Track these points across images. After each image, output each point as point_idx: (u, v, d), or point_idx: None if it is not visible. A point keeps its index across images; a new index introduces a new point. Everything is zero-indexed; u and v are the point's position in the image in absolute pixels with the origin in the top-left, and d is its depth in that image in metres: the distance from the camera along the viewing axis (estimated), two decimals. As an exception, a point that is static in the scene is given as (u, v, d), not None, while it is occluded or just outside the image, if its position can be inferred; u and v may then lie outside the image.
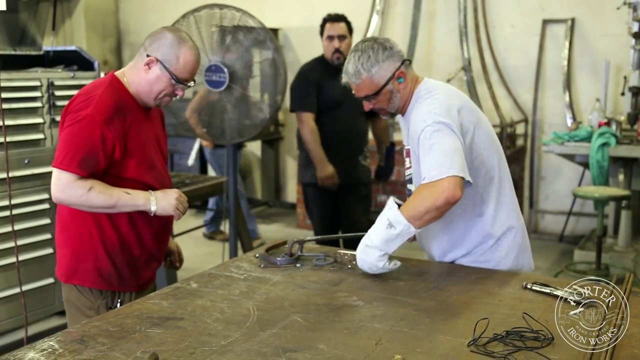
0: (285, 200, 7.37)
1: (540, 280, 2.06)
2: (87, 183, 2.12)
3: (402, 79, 2.23)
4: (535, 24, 6.11)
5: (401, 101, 2.26)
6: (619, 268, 4.74)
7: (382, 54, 2.19)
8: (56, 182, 2.14)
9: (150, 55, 2.20)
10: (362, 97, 2.25)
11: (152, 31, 2.30)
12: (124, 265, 2.28)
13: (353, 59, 2.20)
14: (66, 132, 2.15)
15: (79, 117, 2.12)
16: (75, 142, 2.12)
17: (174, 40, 2.20)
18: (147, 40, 2.25)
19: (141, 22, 7.67)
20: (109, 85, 2.20)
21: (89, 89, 2.22)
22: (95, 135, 2.11)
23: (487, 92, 6.11)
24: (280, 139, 7.25)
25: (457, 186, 2.01)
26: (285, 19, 6.95)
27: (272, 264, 2.27)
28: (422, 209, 2.04)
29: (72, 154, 2.11)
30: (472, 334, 1.66)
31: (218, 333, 1.71)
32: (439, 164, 2.03)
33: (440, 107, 2.15)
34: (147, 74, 2.20)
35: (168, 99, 2.26)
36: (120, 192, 2.16)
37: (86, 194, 2.12)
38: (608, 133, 4.89)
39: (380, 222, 2.10)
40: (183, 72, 2.21)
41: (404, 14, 6.48)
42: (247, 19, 4.12)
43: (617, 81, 5.63)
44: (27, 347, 1.62)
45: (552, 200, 6.26)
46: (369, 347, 1.64)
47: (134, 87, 2.24)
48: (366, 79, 2.19)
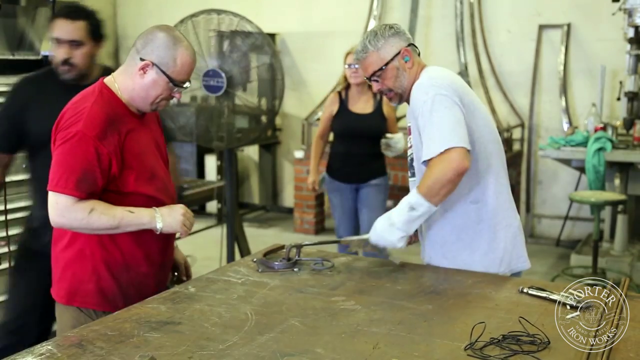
0: (283, 205, 7.37)
1: (537, 285, 2.07)
2: (87, 205, 1.99)
3: (408, 58, 2.27)
4: (531, 29, 6.14)
5: (408, 83, 2.28)
6: (616, 272, 4.75)
7: (388, 31, 2.27)
8: (54, 205, 2.00)
9: (145, 59, 2.04)
10: (369, 76, 2.29)
11: (143, 31, 2.13)
12: (129, 285, 2.13)
13: (362, 40, 2.28)
14: (59, 152, 2.01)
15: (69, 134, 1.99)
16: (69, 162, 1.99)
17: (169, 40, 2.05)
18: (139, 42, 2.07)
19: (139, 27, 7.62)
20: (98, 96, 2.06)
21: (78, 102, 2.07)
22: (89, 152, 1.98)
23: (484, 97, 6.13)
24: (278, 143, 7.25)
25: (464, 156, 2.08)
26: (283, 24, 6.97)
27: (269, 268, 2.28)
28: (437, 185, 2.10)
29: (67, 175, 1.97)
30: (469, 338, 1.67)
31: (216, 337, 1.71)
32: (443, 136, 2.09)
33: (442, 80, 2.20)
34: (142, 78, 2.05)
35: (165, 102, 2.13)
36: (123, 212, 2.03)
37: (87, 217, 1.99)
38: (604, 138, 4.91)
39: (402, 205, 2.16)
40: (181, 73, 2.08)
41: (400, 19, 6.50)
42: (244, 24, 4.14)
43: (613, 86, 5.66)
44: (25, 351, 1.62)
45: (549, 205, 6.28)
46: (367, 351, 1.64)
47: (127, 93, 2.09)
48: (372, 52, 2.25)
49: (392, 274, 2.27)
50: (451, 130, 2.09)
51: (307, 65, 6.95)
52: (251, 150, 7.31)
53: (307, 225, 6.50)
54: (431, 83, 2.19)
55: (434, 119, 2.11)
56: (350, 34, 6.61)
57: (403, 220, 2.15)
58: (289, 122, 7.16)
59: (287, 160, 7.24)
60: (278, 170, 7.37)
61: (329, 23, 6.78)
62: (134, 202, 2.09)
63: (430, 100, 2.14)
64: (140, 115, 2.16)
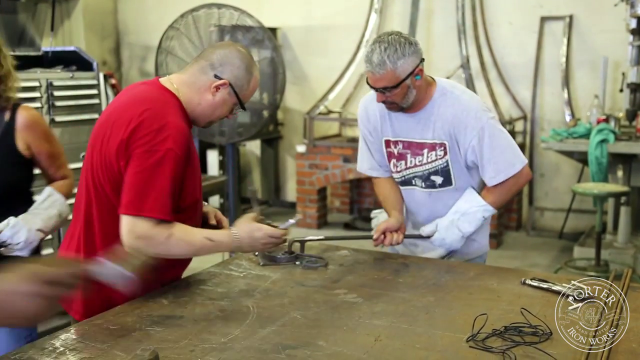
0: (285, 199, 7.37)
1: (539, 276, 2.07)
2: (165, 230, 1.83)
3: (420, 77, 2.28)
4: (533, 21, 6.12)
5: (414, 98, 2.31)
6: (619, 264, 4.74)
7: (408, 49, 2.23)
8: (132, 229, 1.82)
9: (222, 78, 1.95)
10: (379, 87, 2.27)
11: (218, 46, 2.06)
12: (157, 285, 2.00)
13: (379, 49, 2.22)
14: (142, 170, 1.81)
15: (158, 151, 1.81)
16: (156, 183, 1.81)
17: (247, 63, 1.98)
18: (215, 58, 1.96)
19: (140, 22, 7.67)
20: (173, 107, 1.91)
21: (157, 114, 1.86)
22: (177, 173, 1.85)
23: (486, 90, 6.11)
24: (280, 138, 7.25)
25: (529, 168, 2.41)
26: (284, 18, 6.95)
27: (271, 261, 2.28)
28: (509, 197, 2.45)
29: (153, 197, 1.81)
30: (471, 330, 1.67)
31: (218, 330, 1.71)
32: (516, 155, 2.36)
33: (483, 103, 2.39)
34: (212, 96, 1.95)
35: (219, 120, 2.07)
36: (202, 240, 1.90)
37: (166, 241, 1.83)
38: (607, 129, 4.90)
39: (475, 217, 2.37)
40: (249, 97, 2.02)
41: (402, 13, 6.49)
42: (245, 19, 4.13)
43: (616, 77, 5.64)
44: (28, 345, 1.62)
45: (552, 197, 6.27)
46: (368, 343, 1.64)
47: (191, 106, 1.97)
48: (390, 70, 2.22)
49: (393, 266, 2.28)
50: (516, 149, 2.37)
51: (309, 60, 6.94)
52: (253, 145, 7.31)
53: (309, 219, 6.51)
54: (478, 107, 2.33)
55: (499, 142, 2.33)
56: (352, 28, 6.61)
57: (474, 230, 2.39)
58: (291, 117, 7.15)
59: (289, 154, 7.24)
60: (280, 164, 7.37)
61: (330, 17, 6.77)
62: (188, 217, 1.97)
63: (486, 125, 2.31)
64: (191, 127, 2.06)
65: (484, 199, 2.38)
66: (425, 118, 2.36)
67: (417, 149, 2.40)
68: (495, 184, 2.35)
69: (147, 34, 7.47)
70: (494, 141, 2.31)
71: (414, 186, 2.46)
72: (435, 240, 2.40)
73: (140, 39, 7.69)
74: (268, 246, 2.02)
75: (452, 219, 2.38)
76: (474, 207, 2.37)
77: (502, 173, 2.33)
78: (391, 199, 2.51)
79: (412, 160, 2.42)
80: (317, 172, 6.39)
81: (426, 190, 2.43)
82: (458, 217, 2.38)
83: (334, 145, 6.34)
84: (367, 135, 2.51)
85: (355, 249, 2.45)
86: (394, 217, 2.44)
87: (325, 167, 6.35)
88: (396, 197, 2.50)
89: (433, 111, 2.34)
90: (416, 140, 2.39)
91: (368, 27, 6.48)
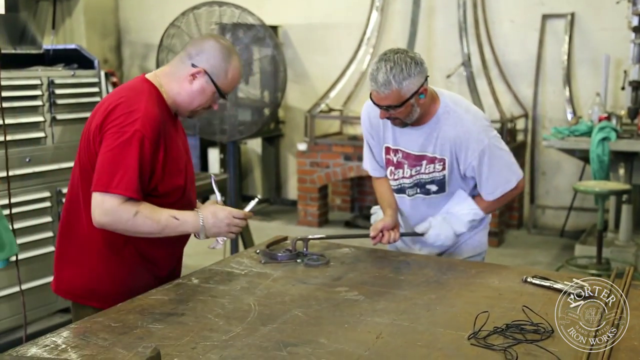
0: (286, 198, 7.37)
1: (540, 274, 2.07)
2: (132, 207, 1.92)
3: (424, 95, 2.28)
4: (534, 19, 6.11)
5: (418, 115, 2.33)
6: (620, 262, 4.74)
7: (414, 69, 2.22)
8: (100, 205, 1.91)
9: (198, 66, 2.03)
10: (383, 106, 2.27)
11: (196, 38, 2.14)
12: (142, 288, 2.05)
13: (384, 69, 2.21)
14: (110, 150, 1.92)
15: (126, 132, 1.91)
16: (123, 161, 1.90)
17: (224, 52, 2.04)
18: (192, 49, 2.06)
19: (141, 20, 7.67)
20: (149, 95, 2.01)
21: (130, 99, 1.98)
22: (145, 153, 1.93)
23: (487, 88, 6.10)
24: (281, 136, 7.25)
25: (523, 181, 2.53)
26: (285, 16, 6.95)
27: (272, 259, 2.28)
28: (500, 206, 2.61)
29: (120, 175, 1.90)
30: (473, 327, 1.67)
31: (219, 328, 1.71)
32: (513, 171, 2.46)
33: (485, 120, 2.44)
34: (190, 84, 2.04)
35: (203, 111, 2.13)
36: (168, 218, 1.97)
37: (132, 218, 1.92)
38: (608, 127, 4.89)
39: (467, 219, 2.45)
40: (229, 86, 2.08)
41: (403, 11, 6.48)
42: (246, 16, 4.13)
43: (617, 75, 5.63)
44: (30, 342, 1.62)
45: (553, 195, 6.26)
46: (370, 340, 1.64)
47: (171, 96, 2.06)
48: (395, 90, 2.21)
49: (394, 264, 2.28)
50: (513, 165, 2.46)
51: (310, 58, 6.93)
52: (254, 143, 7.30)
53: (310, 217, 6.50)
54: (480, 128, 2.38)
55: (497, 162, 2.40)
56: (353, 26, 6.60)
57: (465, 230, 2.47)
58: (292, 115, 7.15)
59: (290, 152, 7.24)
60: (281, 162, 7.37)
61: (331, 15, 6.76)
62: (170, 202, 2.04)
63: (487, 148, 2.37)
64: (176, 118, 2.15)
65: (476, 203, 2.47)
66: (427, 133, 2.38)
67: (416, 161, 2.43)
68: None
69: (148, 31, 7.47)
70: (493, 161, 2.38)
71: (408, 195, 2.50)
72: (430, 236, 2.44)
73: (141, 37, 7.69)
74: (232, 227, 2.06)
75: (445, 217, 2.44)
76: (465, 209, 2.45)
77: (499, 190, 2.43)
78: (387, 197, 2.54)
79: (408, 171, 2.46)
80: (318, 170, 6.39)
81: (420, 195, 2.48)
82: (450, 215, 2.45)
83: (335, 144, 6.34)
84: (369, 138, 2.55)
85: (357, 247, 2.45)
86: (390, 216, 2.47)
87: (326, 165, 6.35)
88: (393, 196, 2.55)
89: (436, 127, 2.37)
90: (415, 152, 2.43)
91: (369, 25, 6.47)
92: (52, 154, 3.67)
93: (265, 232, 5.95)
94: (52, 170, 3.65)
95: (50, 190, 3.65)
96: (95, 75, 3.97)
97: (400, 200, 2.53)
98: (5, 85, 3.36)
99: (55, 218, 3.65)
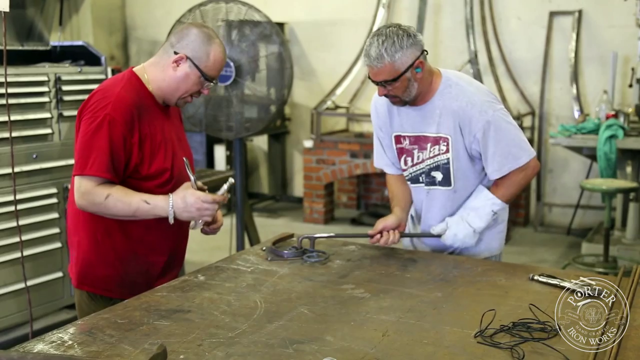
0: (292, 195, 7.38)
1: (547, 272, 2.06)
2: (105, 190, 2.00)
3: (420, 69, 2.24)
4: (542, 16, 6.08)
5: (417, 91, 2.28)
6: (627, 260, 4.72)
7: (406, 41, 2.19)
8: (78, 188, 2.02)
9: (179, 52, 2.08)
10: (379, 81, 2.25)
11: (177, 28, 2.18)
12: (137, 274, 2.15)
13: (376, 43, 2.19)
14: (84, 134, 2.02)
15: (97, 117, 2.00)
16: (95, 144, 1.99)
17: (204, 36, 2.09)
18: (174, 37, 2.13)
19: (147, 17, 7.68)
20: (127, 83, 2.09)
21: (107, 87, 2.09)
22: (116, 136, 2.00)
23: (494, 85, 6.09)
24: (287, 133, 7.25)
25: (537, 161, 2.38)
26: (292, 13, 6.94)
27: (279, 256, 2.28)
28: (519, 190, 2.41)
29: (92, 158, 1.99)
30: (479, 326, 1.67)
31: (225, 325, 1.72)
32: (523, 148, 2.32)
33: (490, 95, 2.35)
34: (174, 71, 2.09)
35: (191, 98, 2.16)
36: (139, 201, 2.02)
37: (104, 201, 1.99)
38: (616, 125, 4.87)
39: (484, 212, 2.36)
40: (213, 69, 2.11)
41: (410, 8, 6.46)
42: (253, 13, 4.12)
43: (625, 73, 5.60)
44: (37, 339, 1.63)
45: (560, 193, 6.24)
46: (376, 338, 1.64)
47: (156, 84, 2.12)
48: (388, 64, 2.19)
49: (401, 262, 2.27)
50: (522, 141, 2.33)
51: (316, 55, 6.92)
52: (260, 140, 7.31)
53: (316, 214, 6.51)
54: (484, 99, 2.29)
55: (504, 135, 2.29)
56: (359, 23, 6.59)
57: (485, 225, 2.38)
58: (299, 112, 7.15)
59: (296, 150, 7.24)
60: (287, 160, 7.37)
61: (337, 12, 6.75)
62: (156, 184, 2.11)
63: (492, 119, 2.27)
64: (165, 108, 2.19)
65: (492, 193, 2.36)
66: (430, 111, 2.33)
67: (423, 143, 2.39)
68: (499, 177, 2.34)
69: (154, 28, 7.48)
70: (500, 135, 2.28)
71: (420, 183, 2.45)
72: (448, 237, 2.38)
73: (147, 33, 7.69)
74: (202, 212, 2.06)
75: (462, 214, 2.38)
76: (482, 201, 2.36)
77: (506, 166, 2.31)
78: (397, 196, 2.51)
79: (419, 156, 2.41)
80: (324, 167, 6.39)
81: (426, 187, 2.43)
82: (468, 212, 2.37)
83: (341, 141, 6.33)
84: (379, 131, 2.51)
85: (363, 244, 2.45)
86: (394, 215, 2.43)
87: (332, 163, 6.35)
88: (402, 195, 2.50)
89: (438, 104, 2.32)
90: (421, 133, 2.38)
91: (376, 22, 6.45)
92: (58, 151, 3.68)
93: (271, 229, 5.96)
94: (58, 167, 3.66)
95: (57, 187, 3.66)
96: (102, 72, 3.97)
97: (416, 192, 2.47)
98: (12, 81, 3.37)
99: (62, 214, 3.66)
